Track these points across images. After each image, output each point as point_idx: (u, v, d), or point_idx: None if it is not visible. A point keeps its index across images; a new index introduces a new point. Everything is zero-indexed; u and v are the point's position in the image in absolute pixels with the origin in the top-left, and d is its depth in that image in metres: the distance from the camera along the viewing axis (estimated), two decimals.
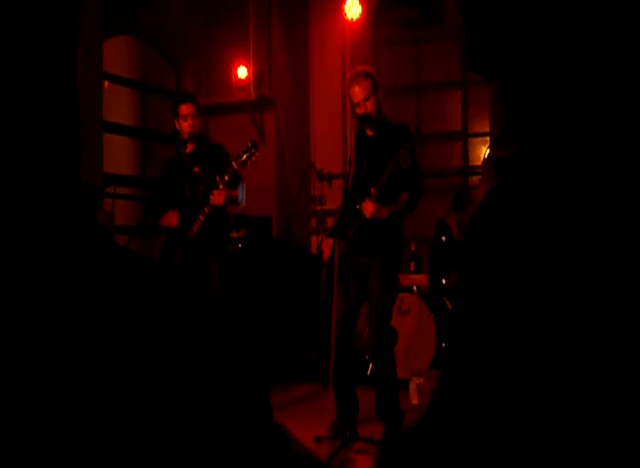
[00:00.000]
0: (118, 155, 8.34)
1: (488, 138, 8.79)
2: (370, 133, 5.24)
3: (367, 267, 5.13)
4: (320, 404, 6.28)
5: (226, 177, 5.46)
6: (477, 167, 9.04)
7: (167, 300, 0.83)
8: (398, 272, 5.36)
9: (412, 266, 7.88)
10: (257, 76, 8.79)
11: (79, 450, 0.72)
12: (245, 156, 5.45)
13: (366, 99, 5.10)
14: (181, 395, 0.77)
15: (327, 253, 5.28)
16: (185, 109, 5.75)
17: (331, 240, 5.27)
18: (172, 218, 5.71)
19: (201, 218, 5.58)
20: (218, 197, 5.47)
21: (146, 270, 0.86)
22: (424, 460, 1.07)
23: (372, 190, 4.95)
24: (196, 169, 5.74)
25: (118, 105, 8.43)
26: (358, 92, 5.10)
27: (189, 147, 5.81)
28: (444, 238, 7.38)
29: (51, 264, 0.79)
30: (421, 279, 7.56)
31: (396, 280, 5.29)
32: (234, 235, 7.30)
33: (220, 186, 5.47)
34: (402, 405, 5.23)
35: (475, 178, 9.04)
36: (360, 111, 5.10)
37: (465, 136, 9.49)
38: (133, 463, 0.73)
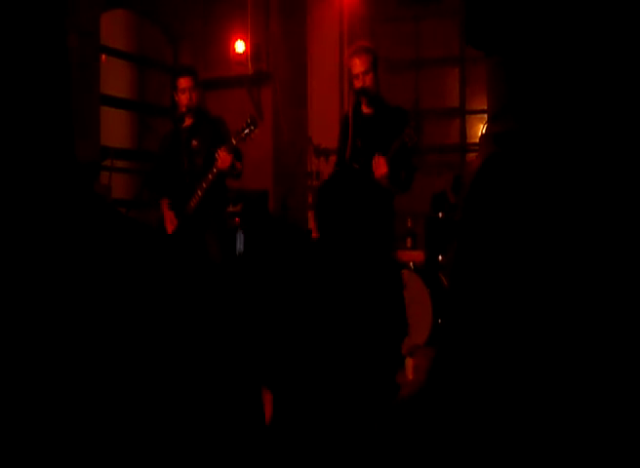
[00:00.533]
0: (115, 128, 8.32)
1: (486, 116, 8.75)
2: (366, 110, 5.22)
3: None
4: None
5: (223, 150, 5.42)
6: (475, 144, 9.03)
7: (167, 266, 0.85)
8: (391, 249, 5.39)
9: (408, 242, 7.88)
10: (254, 50, 8.76)
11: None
12: (244, 133, 5.43)
13: (365, 73, 5.08)
14: (174, 364, 0.79)
15: (316, 232, 5.27)
16: (183, 82, 5.73)
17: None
18: (168, 222, 5.70)
19: (199, 193, 5.55)
20: (224, 158, 5.42)
21: (146, 236, 0.88)
22: (421, 429, 1.09)
23: (382, 155, 4.90)
24: (195, 142, 5.71)
25: (115, 78, 8.40)
26: (359, 64, 5.09)
27: (188, 121, 5.79)
28: (440, 214, 7.39)
29: (48, 231, 0.80)
30: (418, 255, 7.57)
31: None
32: (231, 209, 7.30)
33: (226, 151, 5.42)
34: (398, 380, 5.26)
35: (473, 155, 9.03)
36: (358, 84, 5.09)
37: (463, 113, 9.48)
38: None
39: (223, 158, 5.40)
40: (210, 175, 5.48)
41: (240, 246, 7.26)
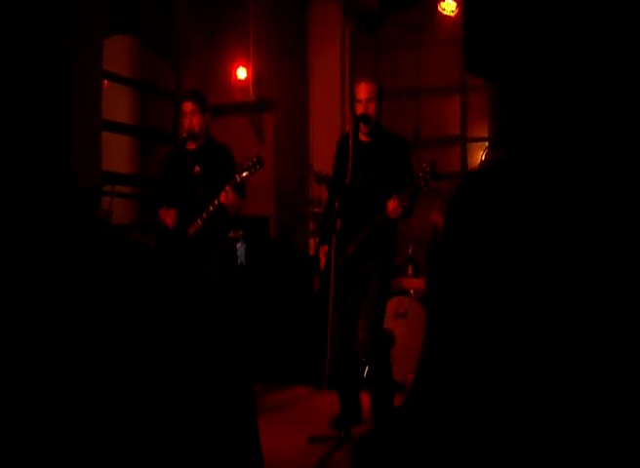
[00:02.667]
0: (117, 154, 8.34)
1: (486, 143, 8.80)
2: (364, 139, 5.22)
3: (365, 272, 5.14)
4: (314, 405, 6.27)
5: (229, 187, 5.36)
6: None
7: (166, 287, 0.84)
8: (392, 278, 5.41)
9: (410, 270, 7.87)
10: (256, 77, 8.80)
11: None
12: (248, 172, 5.36)
13: (369, 100, 5.09)
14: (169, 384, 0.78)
15: (324, 262, 5.28)
16: (184, 107, 5.72)
17: (326, 247, 5.25)
18: (170, 218, 5.65)
19: (199, 222, 5.52)
20: (229, 195, 5.36)
21: (146, 258, 0.87)
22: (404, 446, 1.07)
23: (401, 196, 4.91)
24: (197, 168, 5.67)
25: (117, 104, 8.43)
26: (363, 90, 5.10)
27: (192, 144, 5.76)
28: None
29: (45, 256, 0.79)
30: (419, 282, 7.56)
31: (390, 285, 5.35)
32: (232, 235, 7.29)
33: (232, 188, 5.38)
34: (397, 404, 5.24)
35: None
36: (360, 109, 5.10)
37: (464, 141, 9.50)
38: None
39: (228, 194, 5.34)
40: (211, 207, 5.45)
41: (242, 258, 7.24)
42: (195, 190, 5.64)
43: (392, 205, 4.91)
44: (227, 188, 5.34)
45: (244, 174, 5.35)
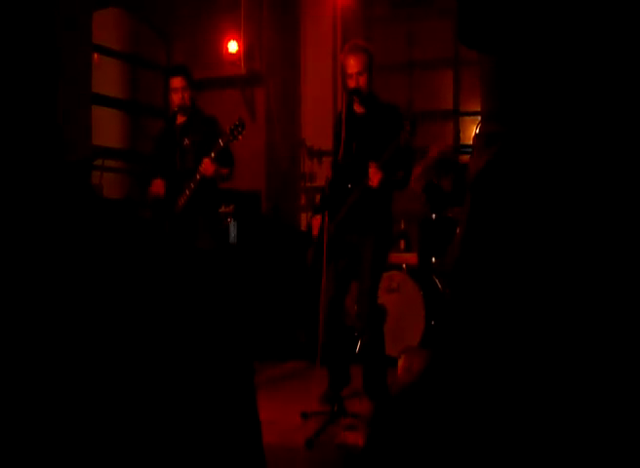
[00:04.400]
0: (107, 128, 8.28)
1: (479, 117, 8.73)
2: (359, 110, 5.19)
3: (358, 245, 5.12)
4: (307, 381, 6.27)
5: (212, 154, 5.44)
6: (468, 145, 9.01)
7: (164, 259, 0.82)
8: (388, 251, 5.36)
9: (402, 244, 7.86)
10: (247, 50, 8.73)
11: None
12: (231, 135, 5.42)
13: (359, 74, 5.05)
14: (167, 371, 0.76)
15: (316, 231, 5.25)
16: (175, 82, 5.75)
17: (319, 216, 5.23)
18: (159, 187, 5.69)
19: (187, 193, 5.57)
20: (206, 166, 5.46)
21: (142, 230, 0.85)
22: (413, 425, 1.06)
23: (379, 160, 4.88)
24: (187, 141, 5.73)
25: (108, 78, 8.36)
26: (353, 64, 5.05)
27: (181, 119, 5.82)
28: (434, 215, 7.35)
29: (41, 228, 0.78)
30: (411, 257, 7.55)
31: (385, 259, 5.29)
32: (223, 209, 7.27)
33: (210, 159, 5.44)
34: (389, 382, 5.24)
35: (466, 157, 9.02)
36: (352, 84, 5.06)
37: (457, 115, 9.46)
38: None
39: (206, 166, 5.44)
40: (197, 176, 5.52)
41: (233, 236, 7.24)
42: (186, 162, 5.69)
43: (371, 171, 4.89)
44: (206, 160, 5.42)
45: (227, 137, 5.41)
